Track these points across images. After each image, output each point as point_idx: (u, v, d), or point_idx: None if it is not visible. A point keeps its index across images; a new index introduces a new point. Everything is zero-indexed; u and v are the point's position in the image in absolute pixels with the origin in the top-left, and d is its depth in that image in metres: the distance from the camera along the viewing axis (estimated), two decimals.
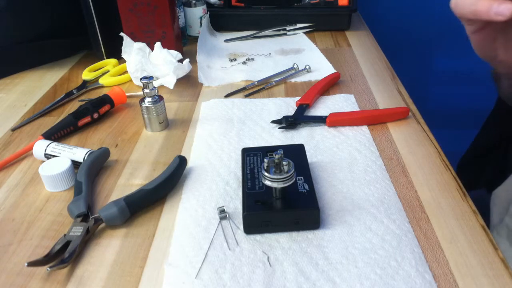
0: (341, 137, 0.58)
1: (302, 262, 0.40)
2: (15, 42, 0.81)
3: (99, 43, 0.84)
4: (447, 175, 0.50)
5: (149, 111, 0.60)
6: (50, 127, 0.61)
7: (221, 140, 0.59)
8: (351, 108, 0.65)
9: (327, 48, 0.89)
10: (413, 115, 0.63)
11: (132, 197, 0.46)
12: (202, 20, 0.94)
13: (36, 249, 0.43)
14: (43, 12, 0.82)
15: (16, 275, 0.40)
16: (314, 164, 0.53)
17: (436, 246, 0.41)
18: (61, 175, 0.50)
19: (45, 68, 0.85)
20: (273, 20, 0.96)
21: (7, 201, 0.50)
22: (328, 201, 0.47)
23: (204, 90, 0.74)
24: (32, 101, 0.73)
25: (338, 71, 0.75)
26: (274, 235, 0.43)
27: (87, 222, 0.44)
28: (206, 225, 0.45)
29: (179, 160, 0.51)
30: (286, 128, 0.61)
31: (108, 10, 0.81)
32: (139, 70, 0.73)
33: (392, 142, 0.57)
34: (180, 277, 0.39)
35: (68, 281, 0.40)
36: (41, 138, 0.58)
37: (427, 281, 0.37)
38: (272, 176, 0.41)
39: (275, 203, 0.43)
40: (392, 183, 0.49)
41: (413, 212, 0.45)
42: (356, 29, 0.98)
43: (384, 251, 0.41)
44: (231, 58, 0.85)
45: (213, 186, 0.50)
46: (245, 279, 0.39)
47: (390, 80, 0.74)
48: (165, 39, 0.81)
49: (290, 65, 0.78)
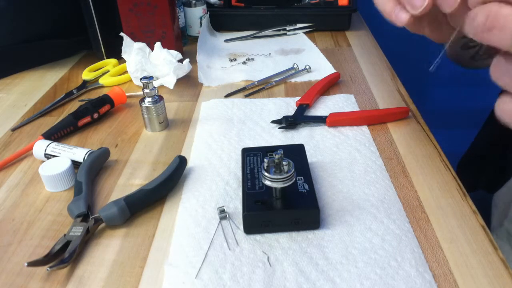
0: (341, 137, 0.58)
1: (302, 262, 0.40)
2: (15, 42, 0.81)
3: (99, 43, 0.84)
4: (447, 175, 0.50)
5: (149, 111, 0.60)
6: (50, 127, 0.61)
7: (221, 140, 0.59)
8: (351, 108, 0.65)
9: (327, 48, 0.89)
10: (413, 115, 0.63)
11: (132, 197, 0.46)
12: (202, 20, 0.94)
13: (36, 249, 0.43)
14: (43, 12, 0.82)
15: (16, 275, 0.40)
16: (314, 164, 0.53)
17: (436, 246, 0.41)
18: (61, 175, 0.50)
19: (45, 68, 0.85)
20: (273, 20, 0.96)
21: (7, 201, 0.50)
22: (328, 201, 0.47)
23: (204, 90, 0.74)
24: (32, 101, 0.73)
25: (338, 71, 0.75)
26: (274, 235, 0.43)
27: (87, 222, 0.44)
28: (206, 225, 0.45)
29: (179, 160, 0.51)
30: (286, 128, 0.61)
31: (108, 10, 0.81)
32: (139, 70, 0.73)
33: (392, 142, 0.57)
34: (180, 277, 0.39)
35: (68, 281, 0.40)
36: (41, 138, 0.58)
37: (427, 281, 0.37)
38: (272, 176, 0.41)
39: (275, 203, 0.43)
40: (392, 183, 0.49)
41: (413, 212, 0.45)
42: (356, 29, 0.98)
43: (384, 251, 0.41)
44: (231, 58, 0.85)
45: (213, 186, 0.50)
46: (245, 279, 0.39)
47: (390, 80, 0.74)
48: (165, 39, 0.81)
49: (290, 65, 0.78)
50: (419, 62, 1.30)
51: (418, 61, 1.30)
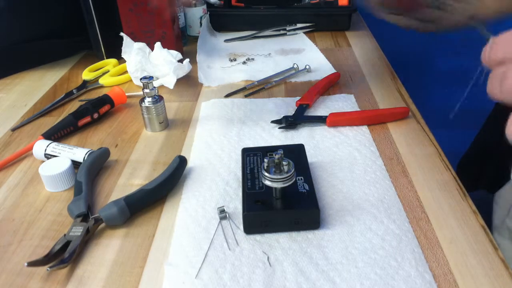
0: (341, 137, 0.58)
1: (302, 262, 0.40)
2: (15, 42, 0.81)
3: (99, 43, 0.84)
4: (447, 175, 0.50)
5: (149, 111, 0.60)
6: (50, 127, 0.61)
7: (221, 140, 0.59)
8: (351, 108, 0.65)
9: (327, 48, 0.89)
10: (413, 115, 0.63)
11: (132, 197, 0.46)
12: (202, 20, 0.94)
13: (36, 249, 0.43)
14: (43, 12, 0.82)
15: (16, 275, 0.40)
16: (314, 164, 0.53)
17: (436, 246, 0.41)
18: (61, 175, 0.50)
19: (45, 68, 0.85)
20: (273, 20, 0.96)
21: (7, 201, 0.50)
22: (328, 201, 0.47)
23: (204, 90, 0.74)
24: (32, 101, 0.73)
25: (338, 71, 0.75)
26: (274, 235, 0.43)
27: (87, 222, 0.44)
28: (206, 225, 0.45)
29: (179, 160, 0.51)
30: (286, 128, 0.61)
31: (108, 10, 0.81)
32: (139, 70, 0.73)
33: (392, 142, 0.57)
34: (180, 277, 0.39)
35: (68, 281, 0.40)
36: (41, 138, 0.58)
37: (427, 281, 0.37)
38: (272, 176, 0.41)
39: (275, 203, 0.43)
40: (392, 183, 0.49)
41: (413, 212, 0.45)
42: (356, 29, 0.98)
43: (384, 251, 0.41)
44: (231, 58, 0.85)
45: (213, 186, 0.50)
46: (245, 279, 0.39)
47: (390, 80, 0.74)
48: (165, 39, 0.81)
49: (290, 65, 0.78)
50: (419, 62, 1.31)
51: (418, 61, 1.30)
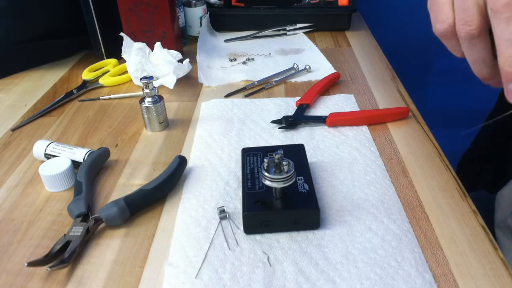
0: (341, 137, 0.58)
1: (302, 262, 0.40)
2: (15, 42, 0.81)
3: (99, 43, 0.84)
4: (447, 175, 0.50)
5: (149, 111, 0.60)
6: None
7: (221, 140, 0.59)
8: (351, 108, 0.65)
9: (327, 48, 0.89)
10: (413, 115, 0.63)
11: (132, 197, 0.46)
12: (202, 20, 0.94)
13: (36, 249, 0.43)
14: (43, 12, 0.82)
15: (16, 275, 0.40)
16: (314, 164, 0.53)
17: (436, 246, 0.41)
18: (61, 175, 0.50)
19: (45, 68, 0.85)
20: (273, 20, 0.96)
21: (7, 201, 0.50)
22: (328, 201, 0.47)
23: (204, 90, 0.74)
24: (32, 101, 0.73)
25: (338, 71, 0.75)
26: (274, 235, 0.43)
27: (87, 222, 0.44)
28: (206, 225, 0.45)
29: (179, 160, 0.51)
30: (286, 128, 0.61)
31: (108, 10, 0.81)
32: (139, 70, 0.73)
33: (392, 142, 0.57)
34: (180, 277, 0.39)
35: (68, 281, 0.40)
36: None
37: (427, 281, 0.37)
38: (272, 176, 0.41)
39: (275, 203, 0.43)
40: (392, 183, 0.49)
41: (413, 212, 0.45)
42: (356, 29, 0.98)
43: (384, 251, 0.41)
44: (231, 58, 0.85)
45: (213, 186, 0.50)
46: (245, 279, 0.39)
47: (390, 80, 0.74)
48: (165, 39, 0.81)
49: (290, 65, 0.78)
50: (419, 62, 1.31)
51: (418, 61, 1.30)
